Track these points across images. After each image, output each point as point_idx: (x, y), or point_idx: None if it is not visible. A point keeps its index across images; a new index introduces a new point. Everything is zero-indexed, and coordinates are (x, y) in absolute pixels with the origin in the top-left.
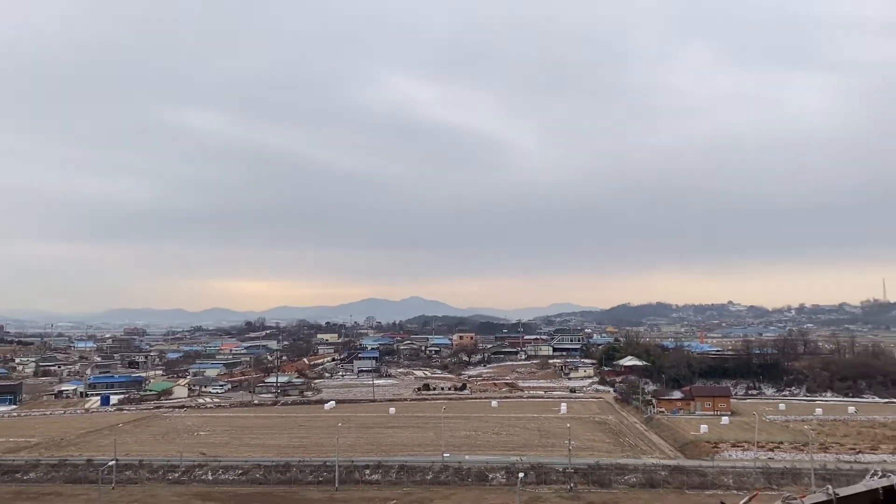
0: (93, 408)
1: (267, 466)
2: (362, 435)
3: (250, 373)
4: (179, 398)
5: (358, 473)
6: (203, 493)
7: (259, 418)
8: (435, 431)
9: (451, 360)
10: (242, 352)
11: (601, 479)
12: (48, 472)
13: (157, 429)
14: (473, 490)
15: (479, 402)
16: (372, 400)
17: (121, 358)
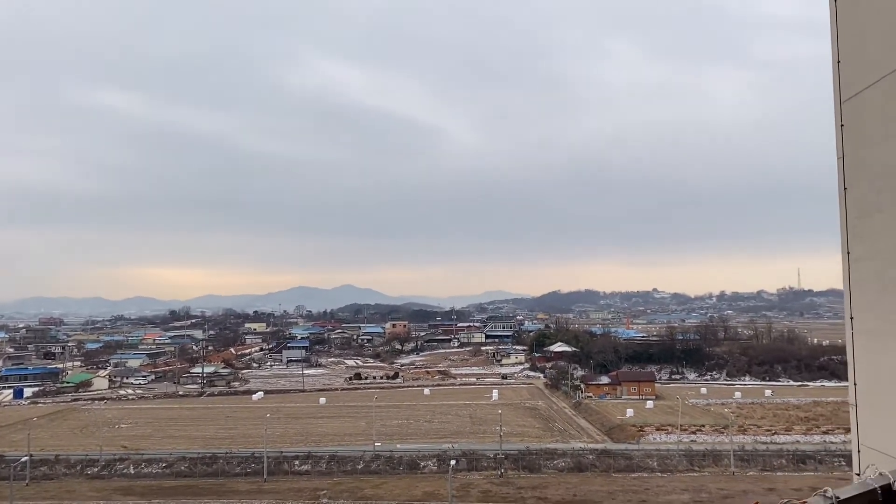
0: (4, 401)
1: (192, 458)
2: (292, 425)
3: (175, 363)
4: (99, 390)
5: (287, 464)
6: (124, 488)
7: (184, 410)
8: (366, 421)
9: (383, 349)
10: (167, 342)
11: (531, 464)
12: None
13: (76, 422)
14: (405, 478)
15: (411, 391)
16: (302, 390)
17: (35, 349)
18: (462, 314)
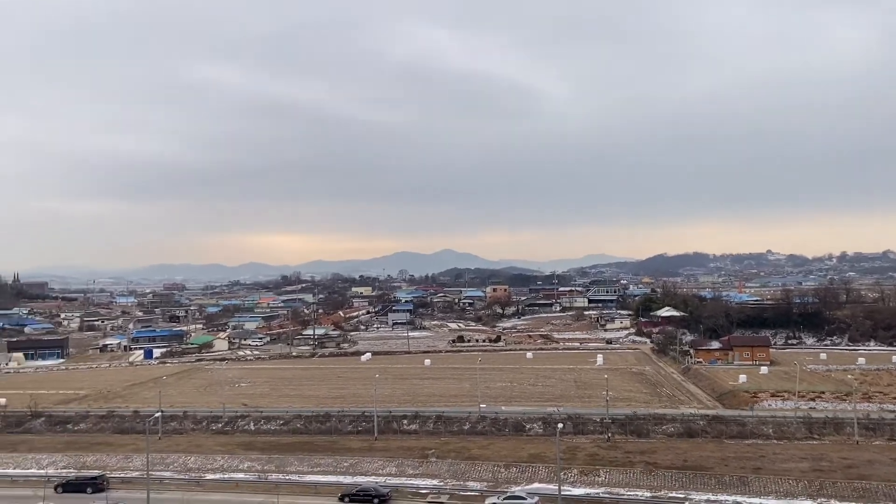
0: (136, 361)
1: (307, 416)
2: (399, 386)
3: (288, 326)
4: (220, 351)
5: (396, 423)
6: (246, 443)
7: (297, 370)
8: (470, 383)
9: (484, 313)
10: (279, 305)
11: (639, 428)
12: (97, 422)
13: (200, 381)
14: (511, 440)
15: (513, 354)
16: (407, 352)
17: (162, 312)
18: (563, 278)
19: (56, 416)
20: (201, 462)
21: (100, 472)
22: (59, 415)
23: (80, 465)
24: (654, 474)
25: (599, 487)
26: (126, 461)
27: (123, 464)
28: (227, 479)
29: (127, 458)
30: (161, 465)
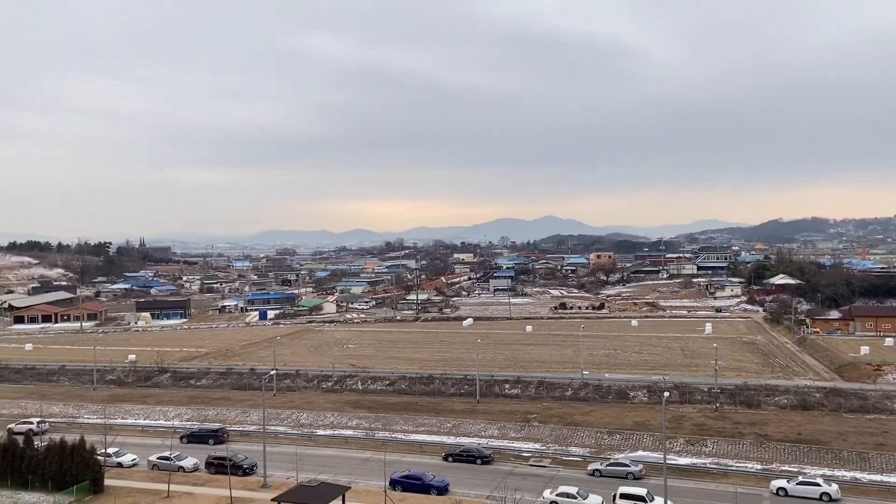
0: (252, 322)
1: (411, 378)
2: (500, 351)
3: (392, 290)
4: (329, 314)
5: (497, 387)
6: (354, 402)
7: (402, 333)
8: (573, 349)
9: (587, 280)
10: (384, 270)
11: (749, 399)
12: (217, 379)
13: (310, 341)
14: (614, 407)
15: (618, 322)
16: (508, 318)
17: (274, 276)
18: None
19: (180, 371)
20: (313, 418)
21: (220, 425)
22: (183, 371)
23: (202, 418)
24: (765, 446)
25: (706, 458)
26: (244, 415)
27: (241, 418)
28: (337, 435)
29: (244, 412)
30: (276, 421)
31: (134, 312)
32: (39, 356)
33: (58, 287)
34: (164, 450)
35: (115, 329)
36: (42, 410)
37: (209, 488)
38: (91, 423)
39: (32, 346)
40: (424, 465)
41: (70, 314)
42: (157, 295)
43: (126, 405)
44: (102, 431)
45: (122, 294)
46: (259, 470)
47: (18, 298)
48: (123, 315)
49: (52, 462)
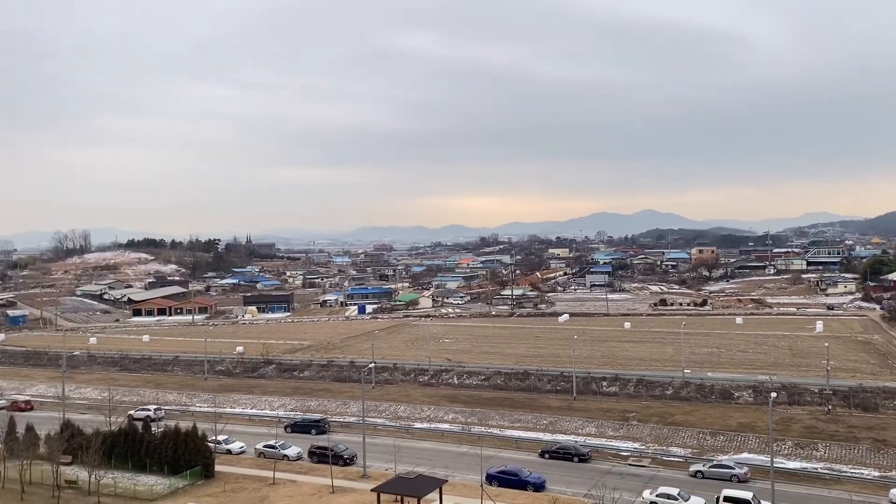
0: (351, 315)
1: (507, 373)
2: (597, 348)
3: (487, 285)
4: (424, 308)
5: (595, 384)
6: (450, 396)
7: (496, 328)
8: (673, 347)
9: (689, 276)
10: (478, 266)
11: (865, 402)
12: (319, 371)
13: (407, 335)
14: (717, 407)
15: (721, 319)
16: (606, 314)
17: (372, 271)
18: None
19: (284, 363)
20: (410, 411)
21: (322, 416)
22: (287, 362)
23: (304, 409)
24: (883, 452)
25: (817, 462)
26: (344, 407)
27: (342, 409)
28: (434, 428)
29: (344, 404)
30: (374, 413)
31: (241, 306)
32: (155, 347)
33: (172, 282)
34: (270, 438)
35: (223, 322)
36: (158, 398)
37: (312, 476)
38: (202, 411)
39: (149, 337)
40: (521, 462)
41: (183, 307)
42: (263, 290)
43: (234, 395)
44: (213, 419)
45: (230, 289)
46: (359, 460)
47: (136, 292)
48: (231, 309)
49: (167, 447)
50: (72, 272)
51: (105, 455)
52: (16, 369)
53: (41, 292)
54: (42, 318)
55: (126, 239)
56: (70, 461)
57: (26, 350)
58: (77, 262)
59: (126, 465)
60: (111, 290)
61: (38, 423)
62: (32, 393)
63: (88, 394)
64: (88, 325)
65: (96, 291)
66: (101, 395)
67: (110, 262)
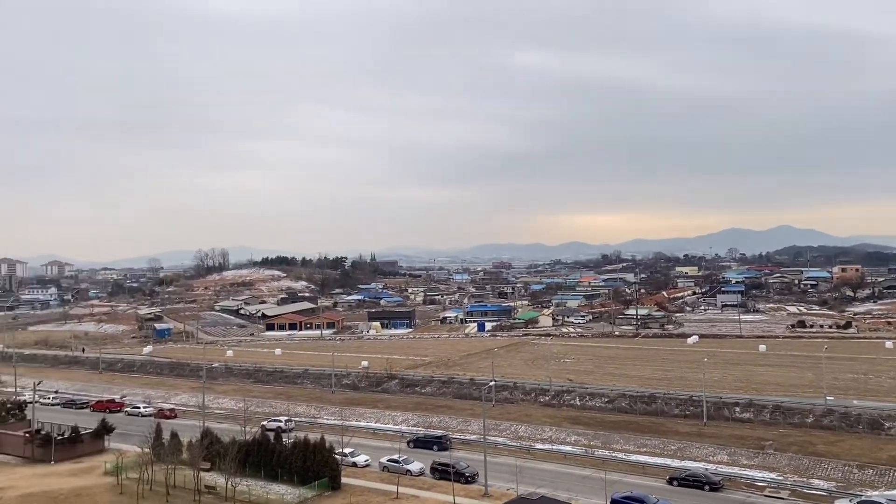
0: (471, 333)
1: (632, 396)
2: (729, 371)
3: (609, 305)
4: (544, 327)
5: (727, 410)
6: (572, 417)
7: (620, 349)
8: (814, 372)
9: (830, 296)
10: (600, 284)
11: None
12: (440, 387)
13: (527, 354)
14: (864, 438)
15: (868, 343)
16: (738, 336)
17: (491, 289)
18: None
19: (407, 378)
20: (531, 431)
21: (443, 433)
22: (409, 378)
23: (426, 425)
24: None
25: None
26: (464, 424)
27: (462, 426)
28: (555, 450)
29: (465, 421)
30: (495, 431)
31: (366, 322)
32: (286, 360)
33: (302, 298)
34: (393, 453)
35: (349, 337)
36: (288, 410)
37: (434, 493)
38: (329, 423)
39: (281, 351)
40: (647, 488)
41: (312, 323)
42: (386, 306)
43: (359, 408)
44: (339, 432)
45: (355, 305)
46: (480, 479)
47: (269, 308)
48: (357, 324)
49: (297, 458)
50: (211, 288)
51: (240, 463)
52: (162, 379)
53: (184, 307)
54: (185, 332)
55: (260, 257)
56: (209, 467)
57: (171, 361)
58: (216, 279)
59: (259, 473)
60: (246, 306)
61: (180, 431)
62: (176, 402)
63: (225, 404)
64: (226, 339)
65: (233, 307)
66: (237, 406)
67: (246, 279)
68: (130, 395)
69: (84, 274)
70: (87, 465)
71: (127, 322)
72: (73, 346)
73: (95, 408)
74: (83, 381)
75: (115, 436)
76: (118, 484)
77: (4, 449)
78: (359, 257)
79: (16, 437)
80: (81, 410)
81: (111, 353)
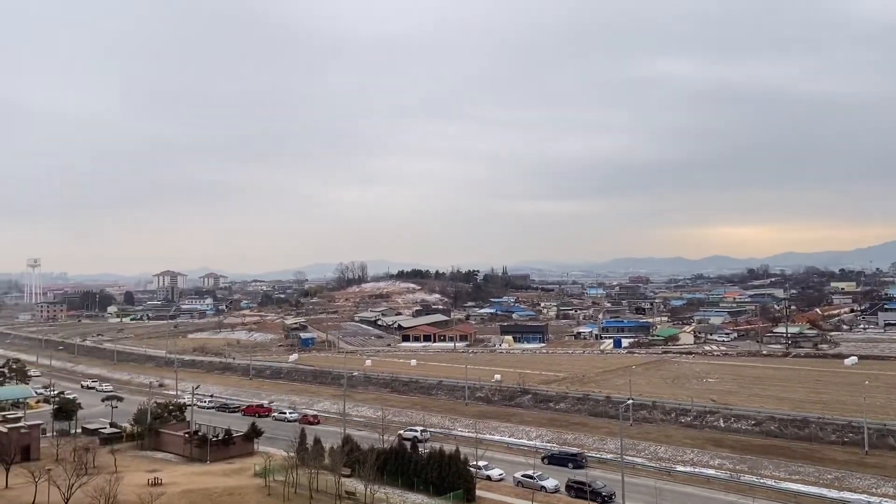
0: (606, 349)
1: (782, 419)
2: (895, 396)
3: (756, 322)
4: (685, 345)
5: (892, 438)
6: (716, 440)
7: (768, 369)
8: None
9: None
10: (746, 300)
11: None
12: (574, 404)
13: (666, 373)
14: None
15: None
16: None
17: (628, 304)
18: None
19: (540, 394)
20: (671, 453)
21: (578, 450)
22: (543, 393)
23: (560, 441)
24: None
25: None
26: (601, 443)
27: (598, 445)
28: (697, 473)
29: (601, 439)
30: (632, 451)
31: (498, 335)
32: (421, 371)
33: (435, 310)
34: (527, 468)
35: (482, 350)
36: (424, 420)
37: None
38: (463, 435)
39: (416, 361)
40: None
41: (445, 335)
42: (518, 320)
43: (492, 422)
44: (473, 444)
45: (487, 318)
46: (617, 499)
47: (405, 319)
48: (489, 337)
49: (433, 468)
50: (351, 300)
51: (378, 470)
52: (306, 386)
53: (326, 317)
54: (327, 341)
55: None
56: (349, 474)
57: (314, 369)
58: (356, 290)
59: (396, 481)
60: (383, 317)
61: (323, 436)
62: (318, 408)
63: (364, 412)
64: (364, 349)
65: (371, 318)
66: (375, 414)
67: (383, 291)
68: (277, 401)
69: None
70: (238, 466)
71: (274, 331)
72: (226, 354)
73: (246, 412)
74: (235, 387)
75: (264, 439)
76: (266, 486)
77: (167, 447)
78: (490, 271)
79: (177, 437)
80: (233, 414)
81: (260, 360)
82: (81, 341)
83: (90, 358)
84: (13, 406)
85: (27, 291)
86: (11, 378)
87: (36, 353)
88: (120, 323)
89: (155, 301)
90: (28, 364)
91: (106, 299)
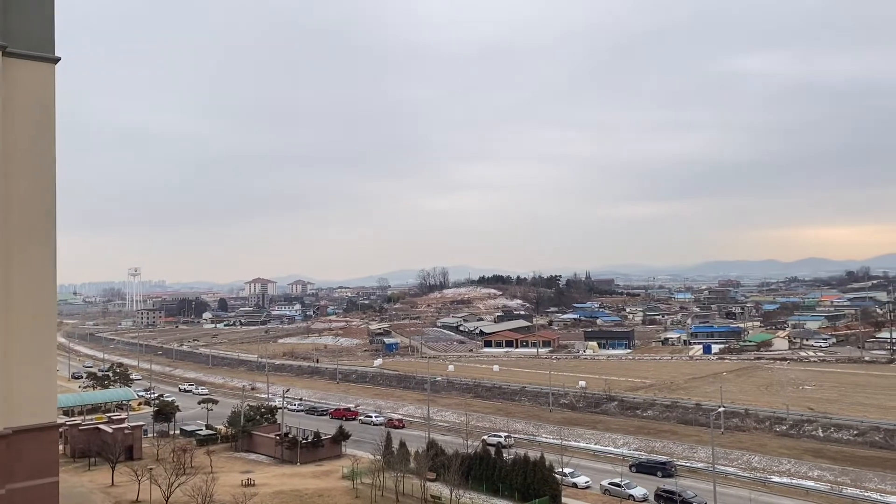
0: (696, 355)
1: (888, 430)
2: None
3: (856, 327)
4: (779, 350)
5: None
6: (814, 450)
7: (871, 376)
8: None
9: None
10: (845, 304)
11: None
12: (663, 411)
13: (759, 379)
14: None
15: None
16: None
17: (717, 308)
18: None
19: (626, 401)
20: (766, 463)
21: (668, 458)
22: (629, 400)
23: (648, 449)
24: None
25: None
26: (690, 451)
27: (688, 453)
28: (795, 484)
29: (691, 448)
30: (724, 460)
31: (582, 341)
32: (504, 377)
33: (517, 316)
34: (614, 476)
35: (565, 356)
36: (507, 426)
37: None
38: (548, 442)
39: (498, 367)
40: None
41: (528, 340)
42: (603, 325)
43: (577, 429)
44: (558, 451)
45: (571, 323)
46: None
47: (487, 325)
48: (573, 343)
49: (517, 474)
50: (433, 305)
51: (463, 475)
52: (390, 390)
53: (409, 323)
54: (410, 346)
55: (477, 275)
56: (434, 478)
57: (398, 374)
58: (437, 296)
59: (480, 487)
60: (465, 323)
61: (407, 440)
62: (403, 412)
63: (447, 417)
64: (447, 354)
65: (453, 323)
66: (459, 419)
67: (464, 297)
68: (363, 405)
69: (323, 292)
70: (326, 468)
71: (360, 336)
72: (314, 358)
73: (333, 415)
74: (322, 390)
75: (351, 442)
76: (353, 488)
77: (259, 448)
78: (573, 276)
79: (269, 439)
80: (322, 417)
81: (346, 364)
82: (178, 346)
83: (186, 362)
84: (117, 407)
85: (129, 299)
86: (116, 381)
87: (137, 358)
88: (214, 328)
89: (246, 307)
90: (130, 368)
91: (201, 306)
